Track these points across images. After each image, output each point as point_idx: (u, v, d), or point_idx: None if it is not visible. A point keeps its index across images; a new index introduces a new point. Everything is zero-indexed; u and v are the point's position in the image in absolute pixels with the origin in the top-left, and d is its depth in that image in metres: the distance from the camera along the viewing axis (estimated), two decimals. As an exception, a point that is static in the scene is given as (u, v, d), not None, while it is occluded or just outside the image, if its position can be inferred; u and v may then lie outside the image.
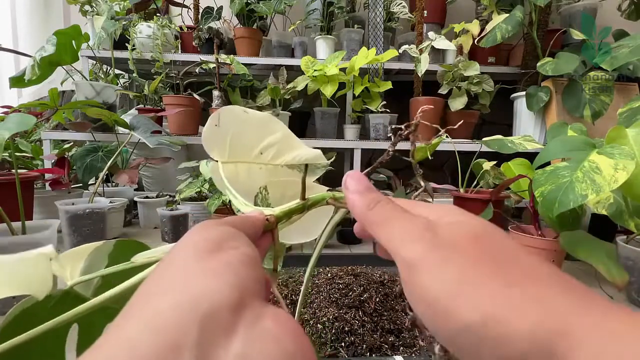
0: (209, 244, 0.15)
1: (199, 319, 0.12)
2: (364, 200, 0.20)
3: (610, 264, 0.64)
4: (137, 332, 0.11)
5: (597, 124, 1.29)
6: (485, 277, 0.14)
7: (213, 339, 0.11)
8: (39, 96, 1.82)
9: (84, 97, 1.33)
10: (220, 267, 0.14)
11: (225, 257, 0.14)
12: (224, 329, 0.12)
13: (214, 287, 0.13)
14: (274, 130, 0.29)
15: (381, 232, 0.18)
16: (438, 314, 0.15)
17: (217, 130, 0.27)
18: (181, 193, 1.12)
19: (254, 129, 0.28)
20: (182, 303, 0.12)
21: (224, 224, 0.17)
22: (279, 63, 1.57)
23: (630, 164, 0.64)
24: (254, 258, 0.15)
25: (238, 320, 0.12)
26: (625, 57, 1.07)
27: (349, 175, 0.22)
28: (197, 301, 0.12)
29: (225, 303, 0.12)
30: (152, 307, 0.12)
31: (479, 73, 1.42)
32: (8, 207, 0.76)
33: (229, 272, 0.14)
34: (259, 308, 0.13)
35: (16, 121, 0.77)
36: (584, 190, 0.65)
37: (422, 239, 0.17)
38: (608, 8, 1.62)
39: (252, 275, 0.14)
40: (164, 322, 0.11)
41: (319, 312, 0.59)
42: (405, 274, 0.16)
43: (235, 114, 0.27)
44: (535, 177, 0.75)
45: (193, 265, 0.14)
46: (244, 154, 0.28)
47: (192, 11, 1.77)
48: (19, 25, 2.25)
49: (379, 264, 0.94)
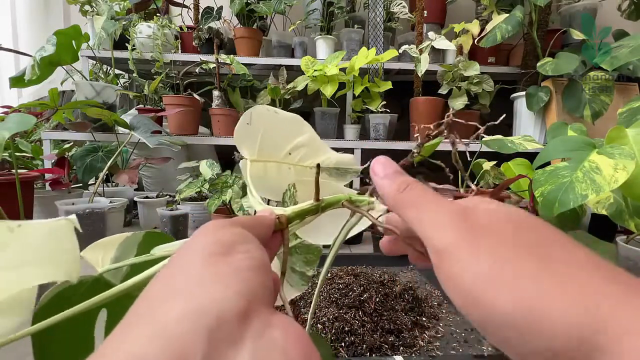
0: (219, 247, 0.15)
1: (207, 330, 0.11)
2: (394, 184, 0.19)
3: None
4: (142, 344, 0.11)
5: (597, 124, 1.29)
6: (522, 265, 0.14)
7: (221, 350, 0.11)
8: (39, 96, 1.82)
9: (84, 97, 1.33)
10: (228, 273, 0.13)
11: (234, 262, 0.14)
12: (231, 340, 0.11)
13: (221, 295, 0.12)
14: (302, 132, 0.29)
15: (412, 215, 0.18)
16: (471, 302, 0.14)
17: (249, 129, 0.27)
18: (181, 193, 1.12)
19: (283, 129, 0.28)
20: (188, 312, 0.12)
21: (235, 224, 0.17)
22: (279, 63, 1.57)
23: (630, 164, 0.64)
24: (264, 262, 0.15)
25: (245, 330, 0.12)
26: (625, 57, 1.07)
27: (376, 160, 0.21)
28: (204, 310, 0.12)
29: (233, 312, 0.12)
30: (158, 316, 0.12)
31: (479, 73, 1.42)
32: (8, 207, 0.76)
33: (238, 278, 0.13)
34: (267, 317, 0.13)
35: (16, 121, 0.77)
36: (584, 190, 0.65)
37: (454, 225, 0.16)
38: (608, 8, 1.62)
39: (261, 282, 0.14)
40: (171, 333, 0.11)
41: (319, 312, 0.59)
42: (437, 260, 0.16)
43: (266, 113, 0.28)
44: (535, 177, 0.75)
45: (200, 271, 0.13)
46: (273, 153, 0.29)
47: (192, 11, 1.77)
48: (19, 25, 2.25)
49: (379, 264, 0.94)
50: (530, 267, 0.14)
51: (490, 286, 0.14)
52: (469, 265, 0.14)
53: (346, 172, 0.31)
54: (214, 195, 1.02)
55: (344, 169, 0.30)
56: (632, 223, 0.76)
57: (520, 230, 0.15)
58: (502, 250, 0.14)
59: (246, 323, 0.12)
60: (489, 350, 0.56)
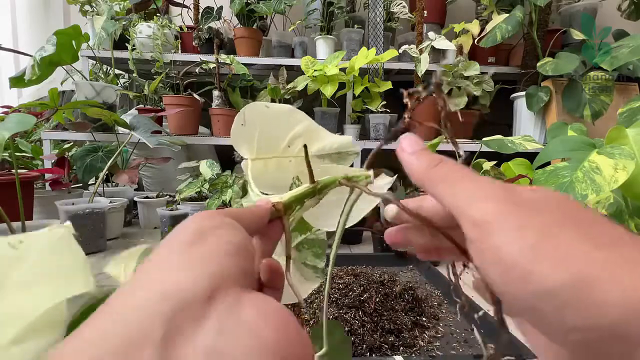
0: (192, 235, 0.15)
1: (167, 313, 0.11)
2: (425, 159, 0.19)
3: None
4: (106, 327, 0.11)
5: (597, 124, 1.29)
6: (571, 238, 0.13)
7: (181, 332, 0.11)
8: (39, 96, 1.82)
9: (84, 97, 1.33)
10: (198, 257, 0.14)
11: (206, 246, 0.14)
12: (193, 322, 0.12)
13: (186, 279, 0.13)
14: (297, 121, 0.28)
15: (445, 190, 0.17)
16: (515, 277, 0.14)
17: (244, 129, 0.27)
18: (181, 193, 1.12)
19: (278, 122, 0.28)
20: (150, 299, 0.12)
21: (220, 214, 0.17)
22: (279, 63, 1.57)
23: (630, 164, 0.64)
24: (241, 246, 0.15)
25: (210, 311, 0.12)
26: (625, 57, 1.07)
27: (403, 137, 0.21)
28: (166, 295, 0.12)
29: (197, 294, 0.12)
30: (122, 305, 0.12)
31: (479, 73, 1.42)
32: (8, 207, 0.76)
33: (207, 262, 0.14)
34: (238, 296, 0.13)
35: (16, 121, 0.77)
36: (584, 190, 0.65)
37: (495, 197, 0.15)
38: (608, 8, 1.62)
39: (234, 263, 0.14)
40: (130, 319, 0.11)
41: (319, 312, 0.59)
42: (474, 234, 0.15)
43: (258, 110, 0.27)
44: (535, 177, 0.75)
45: (172, 258, 0.14)
46: (272, 149, 0.28)
47: (192, 11, 1.77)
48: (19, 25, 2.25)
49: (379, 264, 0.94)
50: (580, 241, 0.13)
51: (539, 259, 0.13)
52: (515, 237, 0.14)
53: (347, 155, 0.30)
54: (214, 195, 1.02)
55: (345, 152, 0.30)
56: (632, 223, 0.76)
57: (564, 207, 0.15)
58: (550, 223, 0.14)
59: (212, 303, 0.12)
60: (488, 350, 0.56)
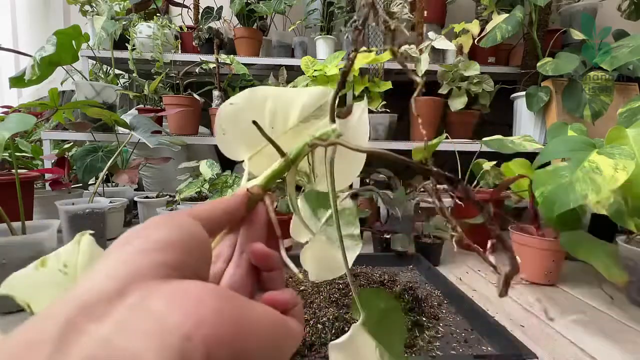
0: (123, 238, 0.16)
1: (67, 313, 0.12)
2: None
3: (610, 264, 0.64)
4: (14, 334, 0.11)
5: (597, 124, 1.29)
6: None
7: (79, 329, 0.11)
8: (38, 96, 1.82)
9: (84, 97, 1.33)
10: (115, 259, 0.14)
11: (128, 248, 0.15)
12: (95, 319, 0.12)
13: (98, 281, 0.13)
14: (264, 98, 0.27)
15: None
16: None
17: (227, 137, 0.27)
18: (181, 193, 1.12)
19: (248, 111, 0.27)
20: (62, 303, 0.12)
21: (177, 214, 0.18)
22: (279, 63, 1.57)
23: (630, 164, 0.64)
24: (167, 242, 0.16)
25: (115, 307, 0.12)
26: (625, 57, 1.07)
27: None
28: (72, 298, 0.12)
29: (104, 294, 0.13)
30: (46, 309, 0.12)
31: (479, 73, 1.42)
32: (8, 207, 0.76)
33: (121, 263, 0.14)
34: (149, 291, 0.13)
35: (16, 121, 0.77)
36: (584, 190, 0.65)
37: None
38: (608, 8, 1.62)
39: (151, 260, 0.14)
40: (33, 327, 0.12)
41: (319, 312, 0.59)
42: None
43: (227, 112, 0.27)
44: (535, 177, 0.75)
45: (96, 267, 0.14)
46: (260, 139, 0.27)
47: (192, 11, 1.77)
48: (19, 25, 2.25)
49: (379, 264, 0.94)
50: None
51: None
52: None
53: (327, 105, 0.28)
54: (214, 195, 1.02)
55: (323, 104, 0.28)
56: (632, 223, 0.76)
57: None
58: None
59: (121, 300, 0.13)
60: (489, 350, 0.56)
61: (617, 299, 0.80)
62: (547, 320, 0.69)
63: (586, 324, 0.69)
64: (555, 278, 0.87)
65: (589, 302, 0.78)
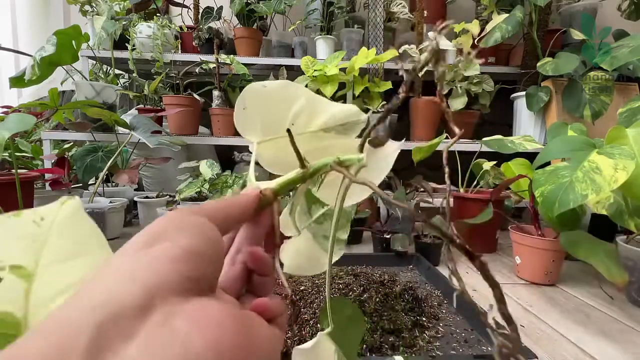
0: (146, 239, 0.15)
1: (94, 325, 0.11)
2: None
3: (610, 264, 0.64)
4: (36, 342, 0.11)
5: (597, 124, 1.29)
6: None
7: (107, 344, 0.11)
8: (38, 96, 1.82)
9: (84, 97, 1.33)
10: (141, 266, 0.13)
11: (153, 252, 0.14)
12: (126, 334, 0.11)
13: (123, 290, 0.12)
14: (296, 97, 0.27)
15: None
16: None
17: (246, 113, 0.26)
18: (181, 193, 1.12)
19: (277, 101, 0.27)
20: (84, 308, 0.12)
21: (190, 213, 0.17)
22: (279, 63, 1.57)
23: (630, 164, 0.64)
24: (193, 250, 0.15)
25: (142, 323, 0.12)
26: (625, 57, 1.07)
27: None
28: (98, 306, 0.12)
29: (131, 307, 0.12)
30: (62, 313, 0.12)
31: (479, 73, 1.42)
32: (8, 207, 0.76)
33: (148, 271, 0.13)
34: (173, 307, 0.13)
35: (16, 121, 0.77)
36: (584, 190, 0.65)
37: None
38: (608, 8, 1.62)
39: (178, 270, 0.14)
40: (59, 330, 0.11)
41: (319, 311, 0.59)
42: None
43: (256, 91, 0.27)
44: (535, 177, 0.75)
45: (118, 267, 0.14)
46: (277, 129, 0.27)
47: (192, 11, 1.77)
48: (19, 25, 2.25)
49: (379, 264, 0.94)
50: None
51: None
52: None
53: (354, 125, 0.29)
54: (214, 195, 1.02)
55: (351, 122, 0.28)
56: (632, 223, 0.76)
57: None
58: None
59: (146, 316, 0.12)
60: (488, 350, 0.56)
61: (617, 299, 0.80)
62: (547, 320, 0.69)
63: (586, 324, 0.69)
64: (555, 278, 0.88)
65: (589, 302, 0.78)
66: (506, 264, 1.02)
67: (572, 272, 0.96)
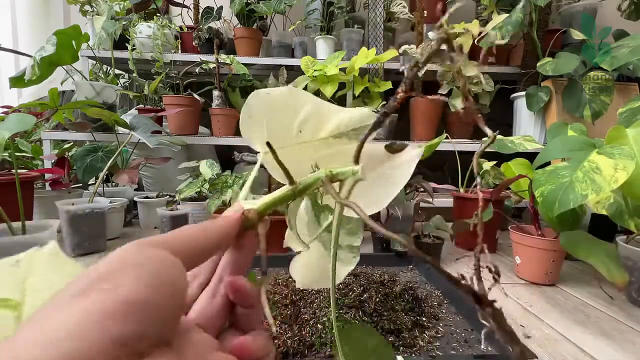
0: (88, 280, 0.13)
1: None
2: None
3: (610, 264, 0.64)
4: None
5: (597, 124, 1.29)
6: None
7: None
8: (38, 96, 1.82)
9: (84, 97, 1.33)
10: (65, 324, 0.11)
11: (84, 304, 0.12)
12: None
13: (39, 356, 0.11)
14: (302, 103, 0.26)
15: None
16: None
17: (252, 121, 0.25)
18: (181, 193, 1.12)
19: (282, 108, 0.26)
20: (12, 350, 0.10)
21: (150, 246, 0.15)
22: (279, 63, 1.57)
23: (630, 164, 0.64)
24: (138, 302, 0.13)
25: None
26: (625, 57, 1.07)
27: None
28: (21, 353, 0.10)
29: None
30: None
31: (481, 73, 1.42)
32: (8, 207, 0.76)
33: (71, 332, 0.11)
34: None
35: (16, 121, 0.77)
36: (584, 190, 0.65)
37: None
38: (608, 8, 1.62)
39: (110, 333, 0.12)
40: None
41: (319, 312, 0.59)
42: None
43: (261, 98, 0.25)
44: (535, 177, 0.75)
45: (45, 319, 0.12)
46: (283, 138, 0.26)
47: (192, 11, 1.77)
48: (19, 25, 2.25)
49: (379, 264, 0.94)
50: None
51: None
52: None
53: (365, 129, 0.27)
54: (214, 195, 1.02)
55: (363, 126, 0.27)
56: (632, 223, 0.76)
57: None
58: None
59: None
60: (489, 351, 0.56)
61: (617, 299, 0.80)
62: (547, 320, 0.69)
63: (586, 324, 0.69)
64: (555, 278, 0.88)
65: (588, 302, 0.78)
66: (506, 264, 1.02)
67: (572, 272, 0.96)
